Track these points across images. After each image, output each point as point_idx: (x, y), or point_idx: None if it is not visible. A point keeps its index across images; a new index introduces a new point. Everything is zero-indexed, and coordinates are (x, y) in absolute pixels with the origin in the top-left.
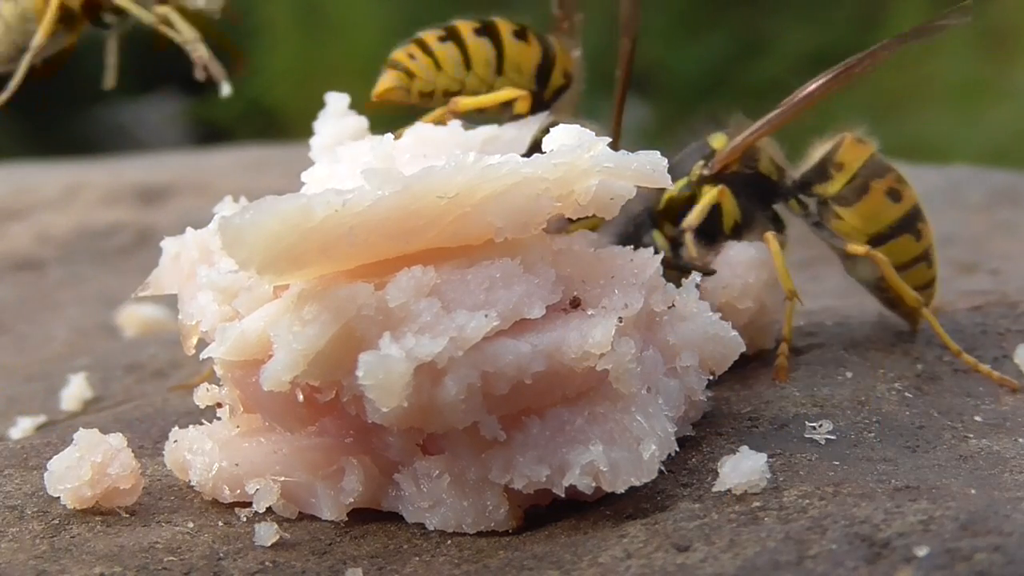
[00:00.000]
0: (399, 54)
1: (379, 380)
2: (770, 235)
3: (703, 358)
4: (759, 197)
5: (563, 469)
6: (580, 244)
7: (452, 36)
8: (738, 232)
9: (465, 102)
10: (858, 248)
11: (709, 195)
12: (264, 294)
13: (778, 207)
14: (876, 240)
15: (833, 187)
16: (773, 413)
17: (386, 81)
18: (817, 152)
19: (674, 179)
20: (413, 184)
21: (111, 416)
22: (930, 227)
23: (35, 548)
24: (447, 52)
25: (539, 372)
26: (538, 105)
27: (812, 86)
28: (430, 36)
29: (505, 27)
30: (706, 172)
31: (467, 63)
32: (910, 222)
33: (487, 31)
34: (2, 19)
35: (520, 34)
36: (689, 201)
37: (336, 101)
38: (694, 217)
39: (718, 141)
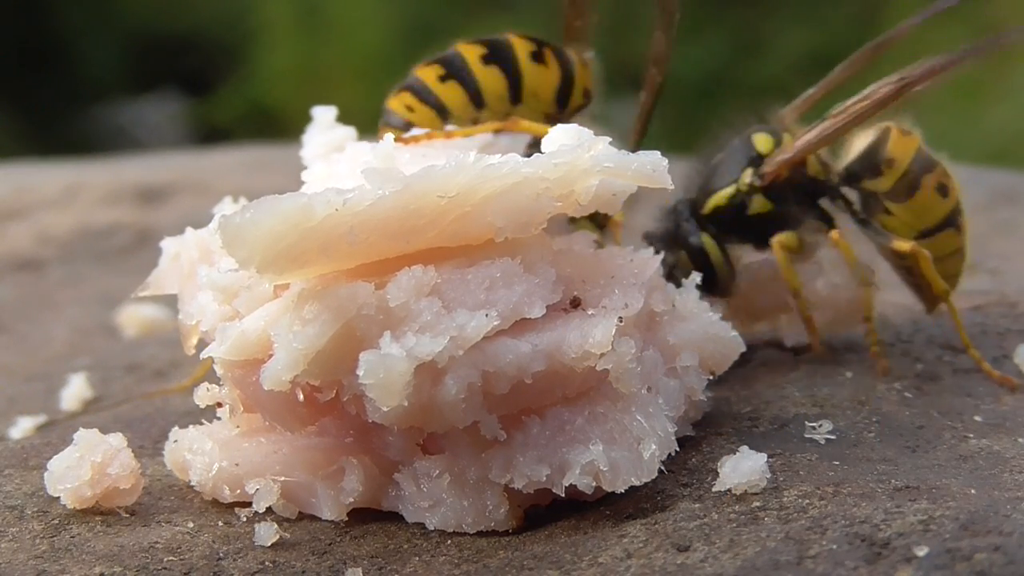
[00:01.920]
0: (394, 102)
1: (379, 379)
2: (777, 242)
3: (703, 358)
4: (807, 197)
5: (563, 469)
6: (580, 244)
7: (455, 71)
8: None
9: (524, 124)
10: (903, 245)
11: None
12: (264, 293)
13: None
14: (923, 235)
15: (884, 183)
16: (773, 413)
17: (393, 125)
18: (860, 143)
19: (715, 178)
20: (413, 183)
21: (111, 416)
22: (967, 220)
23: (35, 548)
24: (452, 93)
25: (539, 372)
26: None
27: (866, 101)
28: (428, 74)
29: (521, 48)
30: (757, 183)
31: (477, 100)
32: (955, 217)
33: (498, 56)
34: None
35: (537, 55)
36: (742, 208)
37: (323, 114)
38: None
39: (764, 143)
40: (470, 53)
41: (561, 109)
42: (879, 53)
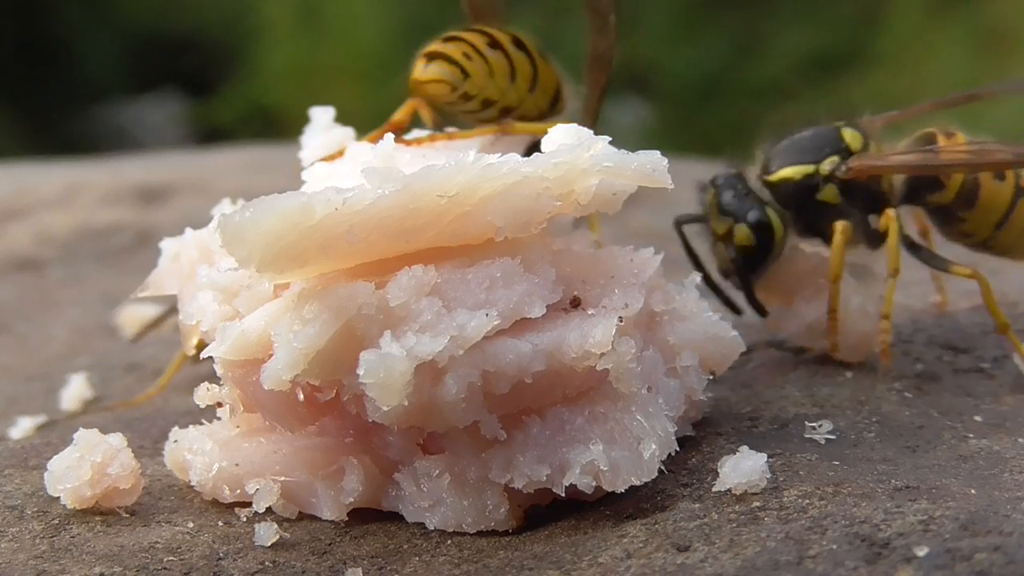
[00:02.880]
0: (451, 49)
1: (380, 379)
2: (840, 226)
3: (703, 358)
4: (867, 206)
5: (563, 468)
6: (580, 244)
7: (496, 44)
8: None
9: (519, 126)
10: (963, 271)
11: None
12: (264, 293)
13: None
14: (998, 225)
15: (948, 195)
16: (773, 413)
17: (436, 71)
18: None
19: (791, 154)
20: (413, 183)
21: (111, 416)
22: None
23: (35, 548)
24: (498, 61)
25: (539, 371)
26: None
27: (977, 157)
28: (478, 40)
29: (532, 44)
30: (839, 173)
31: (512, 75)
32: (1019, 189)
33: (520, 44)
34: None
35: (543, 55)
36: (810, 191)
37: (321, 115)
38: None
39: (853, 139)
40: (503, 37)
41: (551, 110)
42: (972, 101)
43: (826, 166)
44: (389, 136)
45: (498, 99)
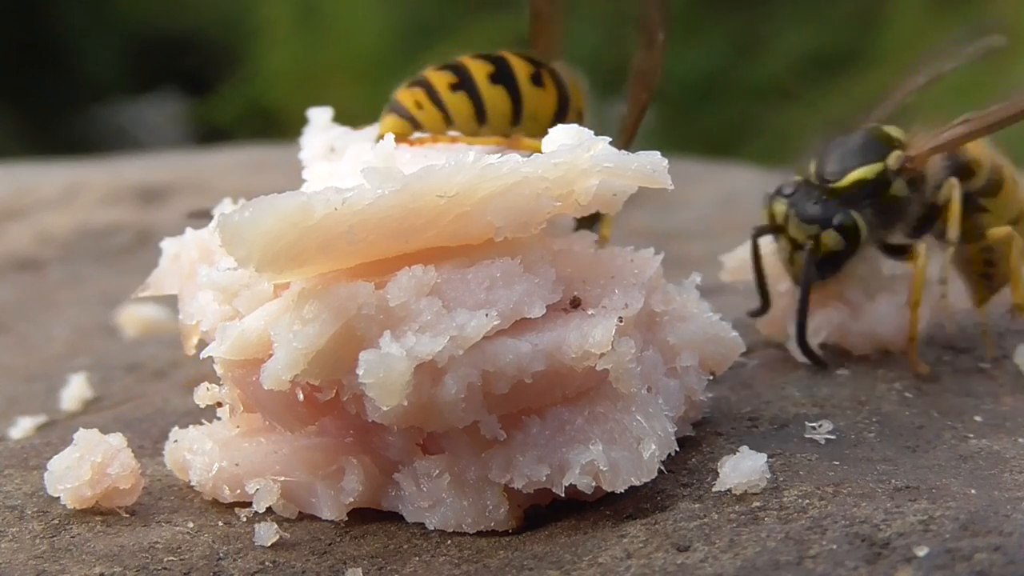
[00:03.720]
0: (405, 95)
1: (379, 379)
2: (924, 247)
3: (703, 358)
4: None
5: (563, 468)
6: (580, 244)
7: (465, 82)
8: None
9: (526, 142)
10: (1000, 231)
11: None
12: (264, 293)
13: None
14: (1014, 221)
15: (977, 182)
16: (773, 413)
17: (389, 125)
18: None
19: (850, 157)
20: (413, 183)
21: (111, 416)
22: None
23: (35, 548)
24: (460, 104)
25: (539, 371)
26: None
27: (1012, 108)
28: (441, 80)
29: (521, 69)
30: (907, 164)
31: (481, 116)
32: None
33: (503, 77)
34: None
35: (536, 78)
36: (881, 186)
37: (319, 115)
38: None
39: (897, 132)
40: (479, 71)
41: None
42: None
43: (893, 161)
44: (389, 136)
45: (473, 135)
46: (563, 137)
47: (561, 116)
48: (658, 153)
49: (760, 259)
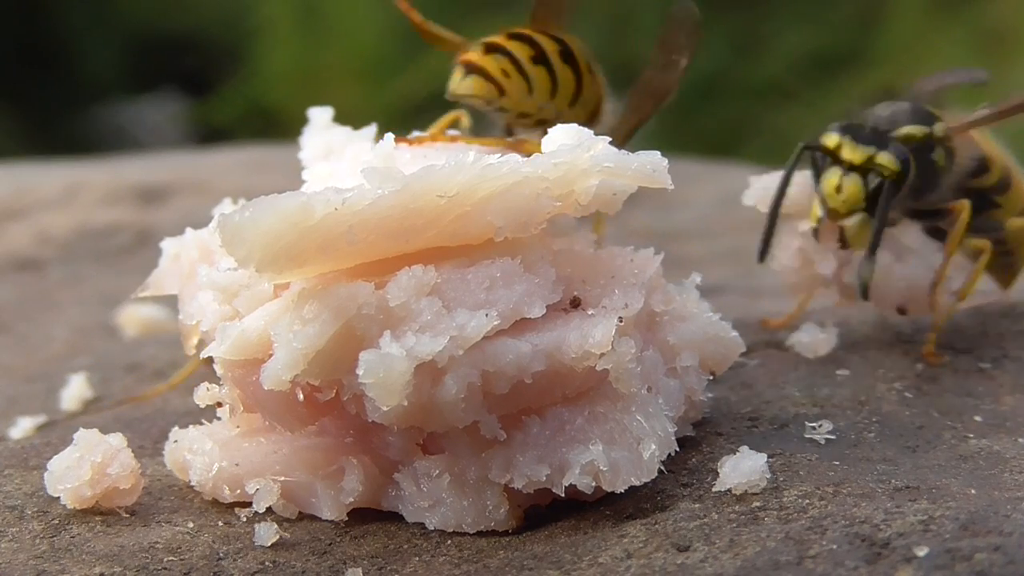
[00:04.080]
0: (488, 61)
1: (379, 379)
2: (966, 204)
3: (703, 358)
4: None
5: (563, 468)
6: (580, 244)
7: (542, 57)
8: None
9: (531, 144)
10: (1018, 221)
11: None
12: (264, 293)
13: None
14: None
15: (991, 179)
16: (773, 413)
17: (471, 86)
18: None
19: (901, 118)
20: (413, 183)
21: (111, 416)
22: None
23: (35, 548)
24: (540, 78)
25: (539, 371)
26: None
27: None
28: (523, 51)
29: (582, 56)
30: (951, 133)
31: (554, 92)
32: None
33: (568, 56)
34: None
35: (591, 68)
36: (925, 150)
37: (319, 115)
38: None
39: (934, 108)
40: (550, 47)
41: (589, 124)
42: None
43: (939, 128)
44: (389, 136)
45: (534, 113)
46: (563, 137)
47: (598, 109)
48: (658, 153)
49: (787, 186)
